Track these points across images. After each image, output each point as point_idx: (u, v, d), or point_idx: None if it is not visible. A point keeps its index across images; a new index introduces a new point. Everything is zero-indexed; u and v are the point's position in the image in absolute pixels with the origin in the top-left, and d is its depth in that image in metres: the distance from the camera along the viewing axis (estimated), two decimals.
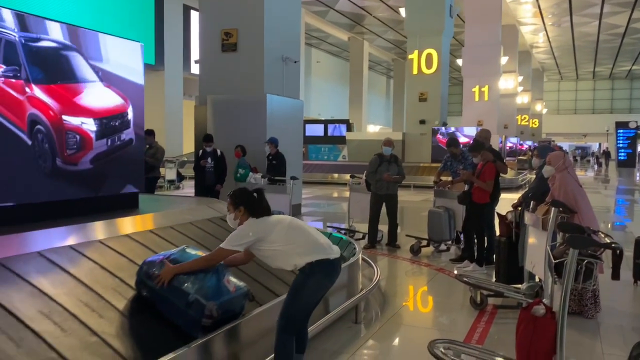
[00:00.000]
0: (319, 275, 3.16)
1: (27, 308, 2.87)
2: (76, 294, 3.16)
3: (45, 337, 2.71)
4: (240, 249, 3.20)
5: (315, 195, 16.01)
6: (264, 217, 3.26)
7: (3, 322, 2.70)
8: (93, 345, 2.80)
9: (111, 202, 4.63)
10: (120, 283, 3.43)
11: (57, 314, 2.93)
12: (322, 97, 38.32)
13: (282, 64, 10.30)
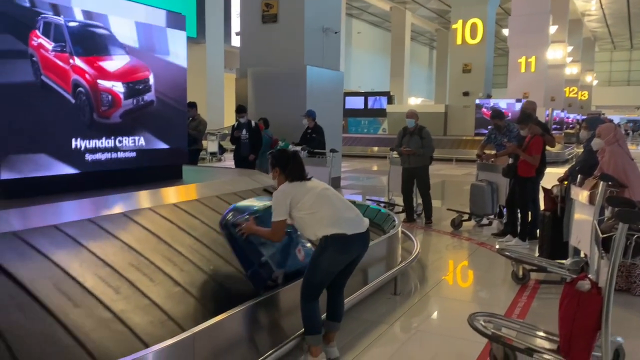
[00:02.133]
0: (331, 249, 3.16)
1: (83, 271, 3.02)
2: (128, 259, 3.29)
3: (101, 299, 2.83)
4: (284, 217, 3.23)
5: (355, 169, 15.97)
6: (298, 182, 3.28)
7: (63, 285, 2.83)
8: (146, 308, 2.93)
9: (156, 173, 4.79)
10: (168, 248, 3.57)
11: (112, 277, 3.06)
12: (362, 69, 37.84)
13: (323, 35, 10.18)
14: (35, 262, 2.98)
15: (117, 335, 2.70)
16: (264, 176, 5.87)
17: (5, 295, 2.66)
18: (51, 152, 3.92)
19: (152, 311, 2.96)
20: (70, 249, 3.23)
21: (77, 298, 2.83)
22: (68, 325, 2.61)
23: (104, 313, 2.80)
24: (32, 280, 2.80)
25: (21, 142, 3.73)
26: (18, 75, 3.66)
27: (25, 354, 2.38)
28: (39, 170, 3.84)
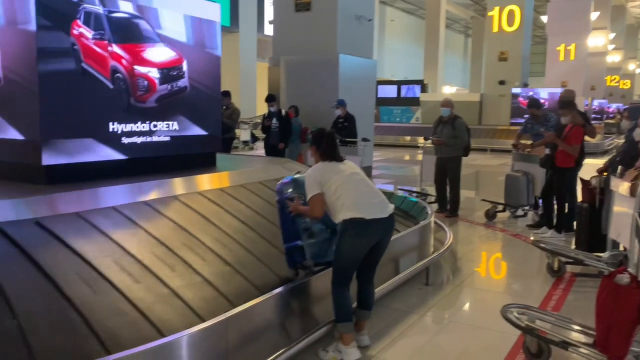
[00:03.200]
0: (350, 233, 3.17)
1: (141, 249, 3.15)
2: (181, 238, 3.36)
3: (119, 287, 2.88)
4: (320, 190, 3.27)
5: (387, 158, 15.87)
6: (330, 161, 3.33)
7: (82, 271, 2.90)
8: (198, 284, 3.03)
9: (190, 160, 4.87)
10: (216, 229, 3.68)
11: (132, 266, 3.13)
12: (395, 58, 37.42)
13: (356, 22, 10.09)
14: (97, 241, 3.13)
15: (175, 309, 2.84)
16: (294, 164, 5.89)
17: (72, 270, 2.80)
18: (91, 138, 4.04)
19: (204, 288, 3.10)
20: (128, 229, 3.40)
21: (137, 274, 2.99)
22: (131, 298, 2.77)
23: (162, 289, 2.95)
24: (95, 257, 2.99)
25: (63, 128, 3.85)
26: (60, 63, 3.78)
27: (96, 323, 2.53)
28: (79, 155, 3.96)
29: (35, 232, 3.06)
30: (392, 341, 3.53)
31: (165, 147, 4.62)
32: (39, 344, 2.35)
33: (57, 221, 3.20)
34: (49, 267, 2.80)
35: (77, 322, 2.53)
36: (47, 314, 2.54)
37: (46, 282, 2.72)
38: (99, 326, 2.53)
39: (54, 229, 3.11)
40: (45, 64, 3.68)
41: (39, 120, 3.70)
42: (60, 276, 2.76)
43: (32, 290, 2.66)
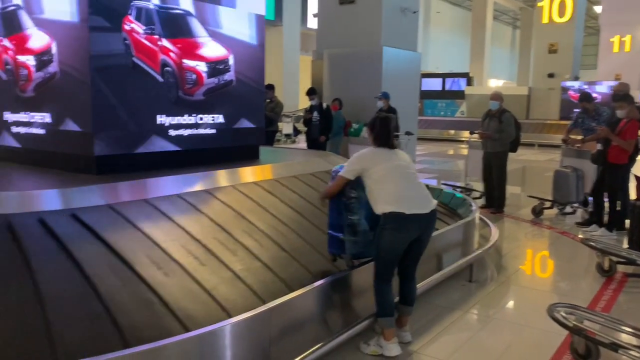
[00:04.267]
0: (388, 227, 3.13)
1: (170, 243, 3.21)
2: (211, 233, 3.45)
3: (187, 268, 2.99)
4: (350, 177, 3.27)
5: (430, 152, 15.67)
6: (382, 148, 3.29)
7: (152, 254, 3.02)
8: (228, 280, 3.06)
9: (235, 153, 4.94)
10: (248, 224, 3.72)
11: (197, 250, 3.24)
12: (440, 50, 36.76)
13: (400, 15, 9.98)
14: (129, 232, 3.20)
15: (238, 291, 2.94)
16: (336, 157, 5.89)
17: (104, 262, 2.87)
18: (140, 130, 4.16)
19: (264, 272, 3.19)
20: (191, 215, 3.53)
21: (202, 258, 3.12)
22: (199, 280, 2.89)
23: (226, 272, 3.05)
24: (164, 241, 3.15)
25: (113, 120, 3.98)
26: (112, 57, 3.91)
27: (171, 303, 2.65)
28: (129, 147, 4.08)
29: (109, 216, 3.23)
30: (433, 337, 3.50)
31: (210, 140, 4.70)
32: (125, 322, 2.48)
33: (127, 207, 3.37)
34: (121, 249, 2.94)
35: (154, 301, 2.66)
36: (127, 294, 2.66)
37: (121, 264, 2.85)
38: (174, 305, 2.67)
39: (126, 214, 3.27)
40: (98, 59, 3.81)
41: (92, 113, 3.84)
42: (133, 258, 2.89)
43: (110, 271, 2.78)
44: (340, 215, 3.41)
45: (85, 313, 2.53)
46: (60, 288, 2.61)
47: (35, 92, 4.26)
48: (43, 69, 4.14)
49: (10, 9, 4.36)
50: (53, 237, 2.93)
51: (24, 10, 4.25)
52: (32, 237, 2.88)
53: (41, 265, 2.69)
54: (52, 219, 3.05)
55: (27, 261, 2.69)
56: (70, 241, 2.92)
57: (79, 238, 2.99)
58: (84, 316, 2.50)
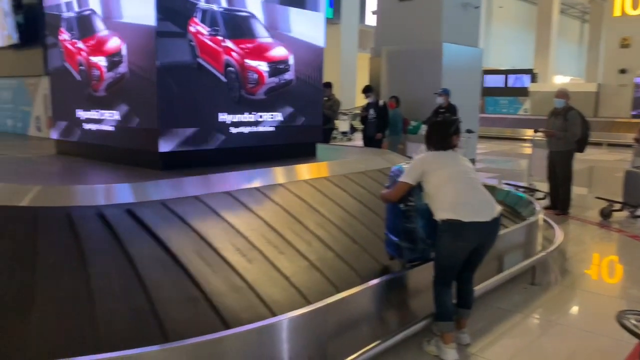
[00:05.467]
0: (446, 235, 3.05)
1: (221, 239, 3.29)
2: (261, 231, 3.51)
3: (235, 267, 3.06)
4: (411, 182, 3.21)
5: (492, 151, 15.26)
6: (439, 151, 3.22)
7: (202, 250, 3.11)
8: (275, 280, 3.10)
9: (292, 150, 5.00)
10: (298, 222, 3.72)
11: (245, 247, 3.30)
12: (503, 46, 35.63)
13: (461, 10, 9.76)
14: (178, 228, 3.30)
15: (284, 290, 2.97)
16: (394, 155, 5.85)
17: (150, 255, 2.98)
18: (204, 128, 4.29)
19: (311, 272, 3.21)
20: (240, 212, 3.60)
21: (249, 255, 3.18)
22: (246, 278, 2.95)
23: (272, 271, 3.10)
24: (214, 237, 3.24)
25: (178, 118, 4.12)
26: (178, 58, 4.05)
27: (215, 299, 2.72)
28: (191, 144, 4.22)
29: (161, 212, 3.36)
30: (493, 340, 3.42)
31: (269, 137, 4.79)
32: (168, 317, 2.56)
33: (180, 203, 3.49)
34: (173, 244, 3.04)
35: (199, 299, 2.73)
36: (174, 290, 2.76)
37: (169, 259, 2.95)
38: (217, 301, 2.73)
39: (177, 210, 3.39)
40: (164, 59, 3.96)
41: (157, 111, 3.99)
42: (183, 254, 2.99)
43: (158, 265, 2.89)
44: (395, 217, 3.38)
45: (183, 295, 2.72)
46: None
47: (106, 92, 4.48)
48: (113, 70, 4.34)
49: (85, 13, 4.60)
50: (143, 226, 3.14)
51: (96, 14, 4.47)
52: (88, 229, 3.03)
53: (135, 251, 2.85)
54: (140, 210, 3.24)
55: (124, 246, 2.85)
56: (160, 229, 3.14)
57: (168, 227, 3.14)
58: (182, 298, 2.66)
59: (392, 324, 3.20)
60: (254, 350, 2.48)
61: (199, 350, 2.30)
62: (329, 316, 2.78)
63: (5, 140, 6.60)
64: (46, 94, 6.00)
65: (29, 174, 4.09)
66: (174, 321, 2.55)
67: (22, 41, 6.57)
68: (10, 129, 7.66)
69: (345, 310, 2.91)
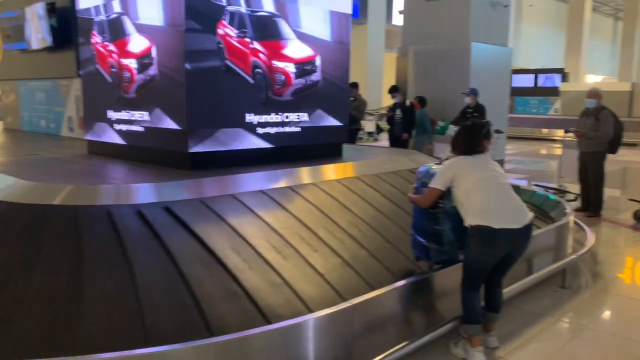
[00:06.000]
0: (475, 241, 3.00)
1: (257, 237, 3.33)
2: (295, 229, 3.54)
3: (271, 263, 3.09)
4: (441, 187, 3.17)
5: (521, 151, 15.00)
6: (468, 156, 3.16)
7: (239, 247, 3.15)
8: (309, 276, 3.13)
9: (318, 150, 5.02)
10: (329, 220, 3.76)
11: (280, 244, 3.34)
12: (532, 45, 35.02)
13: (490, 9, 9.63)
14: (214, 225, 3.35)
15: (318, 287, 3.00)
16: (421, 156, 5.81)
17: (190, 252, 3.04)
18: (231, 128, 4.34)
19: (344, 269, 3.24)
20: (244, 216, 3.59)
21: (284, 252, 3.22)
22: (282, 274, 2.99)
23: (306, 267, 3.13)
24: (250, 235, 3.29)
25: (207, 119, 4.18)
26: (206, 60, 4.11)
27: (254, 295, 2.72)
28: (221, 144, 4.26)
29: (199, 210, 3.42)
30: (521, 344, 3.37)
31: (295, 137, 4.81)
32: (211, 313, 2.61)
33: (216, 201, 3.55)
34: (209, 240, 3.09)
35: (240, 294, 2.79)
36: (214, 285, 2.81)
37: (207, 254, 3.00)
38: (257, 297, 2.78)
39: (215, 207, 3.45)
40: (193, 61, 4.02)
41: (187, 112, 4.05)
42: (220, 250, 3.04)
43: (198, 261, 2.94)
44: (424, 221, 3.35)
45: (224, 290, 2.77)
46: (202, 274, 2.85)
47: (137, 93, 4.56)
48: (144, 72, 4.42)
49: (114, 16, 4.69)
50: (181, 223, 3.19)
51: (126, 17, 4.56)
52: (129, 227, 3.09)
53: (137, 254, 2.90)
54: (148, 210, 3.27)
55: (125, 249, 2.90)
56: (195, 224, 3.20)
57: (205, 222, 3.19)
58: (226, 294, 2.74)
59: (419, 326, 3.18)
60: (280, 350, 2.49)
61: (225, 348, 2.33)
62: (355, 316, 2.77)
63: (39, 141, 6.78)
64: (78, 95, 6.14)
65: (63, 173, 4.19)
66: (216, 316, 2.61)
67: (56, 44, 6.74)
68: (43, 129, 7.86)
69: (372, 311, 2.90)
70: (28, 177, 3.69)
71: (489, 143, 3.26)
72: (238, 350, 2.36)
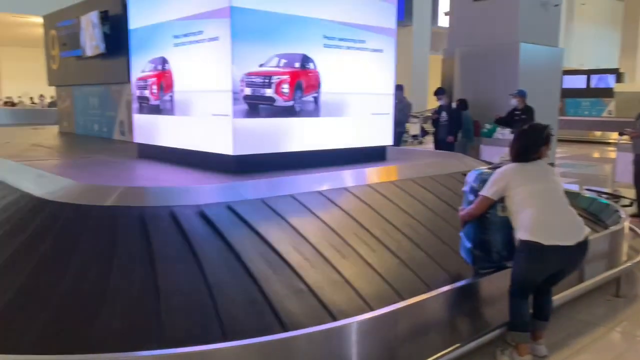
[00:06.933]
0: (524, 256, 2.90)
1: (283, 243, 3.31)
2: (326, 236, 3.52)
3: (296, 269, 3.06)
4: (493, 197, 3.06)
5: (572, 155, 14.52)
6: (522, 163, 3.02)
7: (264, 252, 3.13)
8: (368, 275, 3.13)
9: (362, 154, 4.97)
10: (383, 220, 3.75)
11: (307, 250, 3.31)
12: (585, 44, 33.83)
13: (540, 9, 9.38)
14: (275, 224, 3.39)
15: (346, 295, 2.95)
16: (467, 159, 5.70)
17: (256, 251, 3.08)
18: (275, 132, 4.33)
19: (374, 278, 3.17)
20: (274, 221, 3.53)
21: (313, 259, 3.17)
22: (308, 282, 2.94)
23: (335, 275, 3.09)
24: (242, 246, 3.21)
25: (252, 123, 4.19)
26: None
27: (275, 302, 2.74)
28: (264, 147, 4.29)
29: (259, 209, 3.49)
30: (572, 354, 3.25)
31: (339, 141, 4.78)
32: (229, 315, 2.61)
33: (275, 201, 3.60)
34: (238, 246, 3.10)
35: (305, 291, 2.82)
36: (280, 283, 2.85)
37: (235, 259, 3.01)
38: (321, 294, 2.81)
39: (241, 212, 3.44)
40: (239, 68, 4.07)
41: (232, 116, 4.09)
42: (248, 257, 3.04)
43: (224, 265, 2.96)
44: (471, 228, 3.28)
45: (290, 286, 2.82)
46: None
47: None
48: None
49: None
50: (243, 221, 3.28)
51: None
52: (193, 226, 3.16)
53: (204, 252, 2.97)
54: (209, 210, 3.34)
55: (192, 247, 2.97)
56: (260, 226, 3.27)
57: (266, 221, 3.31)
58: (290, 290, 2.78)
59: (464, 332, 3.11)
60: (322, 352, 2.49)
61: (267, 349, 2.34)
62: (399, 321, 2.74)
63: (92, 144, 7.04)
64: (129, 100, 6.34)
65: (113, 175, 4.30)
66: (287, 312, 2.67)
67: (108, 51, 6.99)
68: (96, 132, 8.16)
69: (416, 316, 2.87)
70: (91, 179, 3.85)
71: (548, 149, 3.09)
72: (278, 353, 2.38)
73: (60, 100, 9.73)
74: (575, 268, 3.02)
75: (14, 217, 3.42)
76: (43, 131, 9.67)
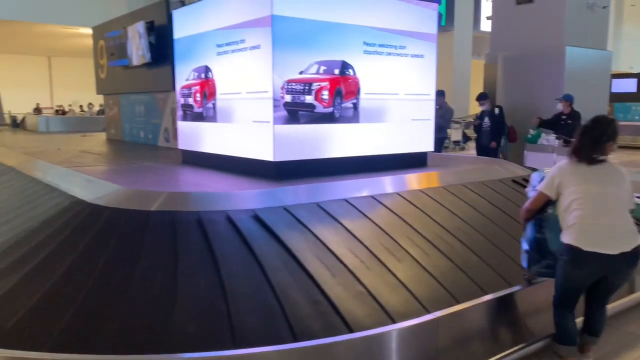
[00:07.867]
0: (565, 259, 2.80)
1: (339, 245, 3.34)
2: (379, 238, 3.51)
3: (354, 271, 3.09)
4: (549, 193, 2.96)
5: (621, 161, 13.86)
6: (581, 164, 2.86)
7: (322, 255, 3.17)
8: (393, 287, 3.09)
9: (403, 160, 4.94)
10: (413, 231, 3.71)
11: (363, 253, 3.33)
12: (635, 47, 32.66)
13: (587, 11, 9.12)
14: (298, 232, 3.39)
15: (401, 297, 2.97)
16: (513, 165, 5.58)
17: (312, 253, 3.12)
18: (316, 138, 4.34)
19: (427, 280, 3.18)
20: (358, 219, 3.65)
21: (368, 262, 3.21)
22: (365, 284, 2.98)
23: (389, 277, 3.11)
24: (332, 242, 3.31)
25: (292, 130, 4.22)
26: None
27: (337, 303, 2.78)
28: (304, 154, 4.32)
29: (284, 217, 3.50)
30: None
31: (379, 147, 4.76)
32: (294, 315, 2.66)
33: (300, 209, 3.62)
34: (294, 248, 3.15)
35: (323, 302, 2.81)
36: (298, 292, 2.84)
37: (292, 260, 3.06)
38: (340, 305, 2.78)
39: (299, 215, 3.52)
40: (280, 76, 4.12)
41: (272, 123, 4.13)
42: (306, 259, 3.09)
43: (283, 267, 3.01)
44: (530, 227, 3.22)
45: (307, 297, 2.81)
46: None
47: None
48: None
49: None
50: (268, 230, 3.28)
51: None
52: (218, 231, 3.21)
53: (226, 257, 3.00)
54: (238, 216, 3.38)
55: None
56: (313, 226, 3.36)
57: (289, 229, 3.31)
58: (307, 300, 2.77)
59: (508, 341, 3.04)
60: (363, 358, 2.49)
61: (307, 355, 2.35)
62: (441, 329, 2.71)
63: (137, 150, 7.25)
64: (174, 108, 6.50)
65: (154, 182, 4.40)
66: (301, 322, 2.65)
67: (154, 60, 7.20)
68: (142, 139, 8.40)
69: (458, 324, 2.83)
70: (134, 184, 3.97)
71: (613, 147, 2.87)
72: (321, 357, 2.38)
73: (107, 108, 10.08)
74: (623, 279, 2.88)
75: (73, 222, 3.50)
76: (91, 138, 10.03)
